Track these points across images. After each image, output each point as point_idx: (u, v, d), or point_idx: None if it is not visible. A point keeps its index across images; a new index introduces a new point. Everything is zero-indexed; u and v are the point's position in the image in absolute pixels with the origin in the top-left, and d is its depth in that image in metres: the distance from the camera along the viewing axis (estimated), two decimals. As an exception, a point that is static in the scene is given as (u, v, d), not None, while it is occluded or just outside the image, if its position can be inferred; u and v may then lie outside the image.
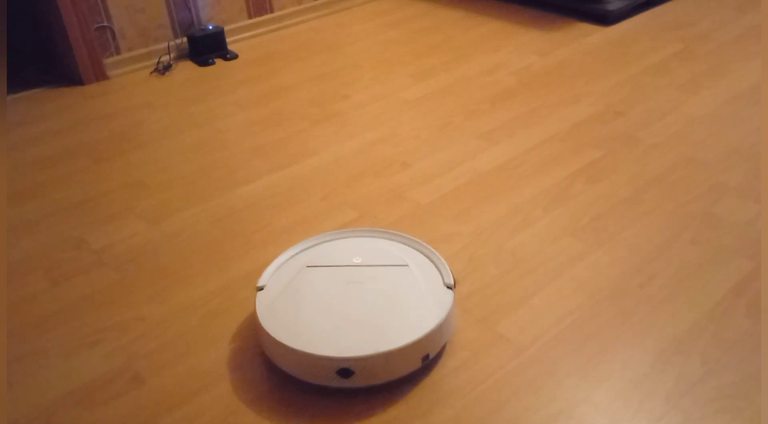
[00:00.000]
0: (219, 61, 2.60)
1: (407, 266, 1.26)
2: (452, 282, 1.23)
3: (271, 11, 2.84)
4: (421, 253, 1.32)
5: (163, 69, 2.54)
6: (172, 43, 2.62)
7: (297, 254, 1.34)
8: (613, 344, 1.23)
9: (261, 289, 1.25)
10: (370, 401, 1.15)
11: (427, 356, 1.16)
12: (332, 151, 1.94)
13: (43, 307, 1.42)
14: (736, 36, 2.49)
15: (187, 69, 2.55)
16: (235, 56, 2.62)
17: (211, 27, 2.60)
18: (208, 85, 2.41)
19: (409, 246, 1.34)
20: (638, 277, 1.39)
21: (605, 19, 2.68)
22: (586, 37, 2.59)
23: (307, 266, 1.27)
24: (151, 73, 2.53)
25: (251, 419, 1.13)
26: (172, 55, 2.63)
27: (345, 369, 1.10)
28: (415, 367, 1.16)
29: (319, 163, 1.89)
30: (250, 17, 2.79)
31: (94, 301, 1.42)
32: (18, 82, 2.52)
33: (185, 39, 2.64)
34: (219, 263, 1.52)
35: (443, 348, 1.24)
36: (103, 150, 2.02)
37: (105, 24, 2.44)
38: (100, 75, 2.48)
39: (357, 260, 1.28)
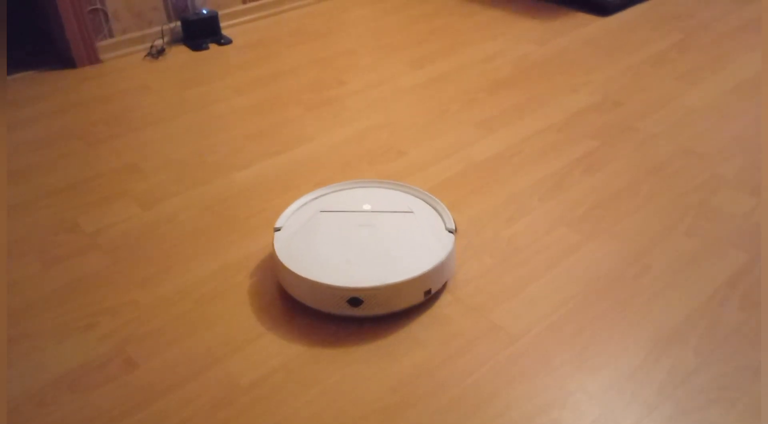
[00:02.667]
0: (213, 46, 2.57)
1: (413, 212, 1.39)
2: (453, 227, 1.35)
3: (268, -5, 2.81)
4: (426, 202, 1.44)
5: (157, 53, 2.51)
6: (165, 27, 2.58)
7: (311, 200, 1.46)
8: (607, 335, 1.23)
9: (278, 230, 1.37)
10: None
11: (429, 290, 1.28)
12: (327, 137, 1.93)
13: (36, 290, 1.41)
14: (736, 27, 2.48)
15: (180, 53, 2.53)
16: (229, 41, 2.60)
17: (205, 11, 2.57)
18: (202, 70, 2.39)
19: (414, 196, 1.46)
20: (633, 268, 1.39)
21: (604, 9, 2.67)
22: (585, 26, 2.57)
23: (321, 211, 1.40)
24: (145, 57, 2.50)
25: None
26: (165, 39, 2.60)
27: (355, 298, 1.23)
28: (418, 300, 1.28)
29: (313, 149, 1.87)
30: (244, 2, 2.76)
31: (87, 284, 1.41)
32: (11, 63, 2.49)
33: (179, 23, 2.61)
34: (213, 247, 1.51)
35: (444, 286, 1.30)
36: (97, 133, 2.00)
37: (98, 6, 2.41)
38: (93, 58, 2.45)
39: (367, 207, 1.41)
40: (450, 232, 1.33)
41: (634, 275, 1.37)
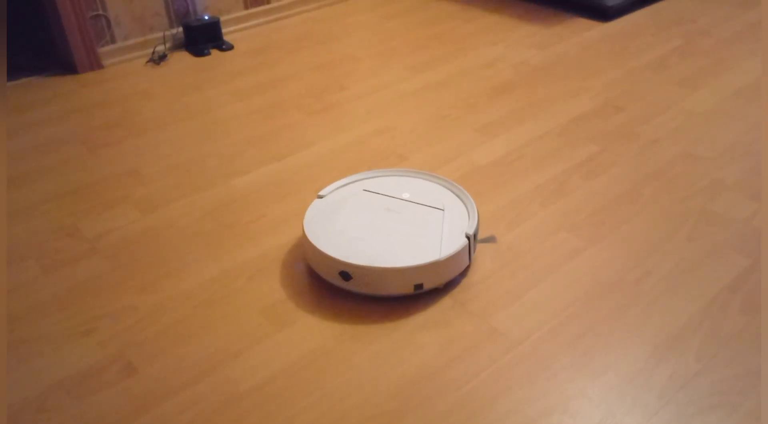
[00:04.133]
0: (214, 52, 2.58)
1: (443, 210, 1.43)
2: (472, 233, 1.36)
3: (268, 2, 2.82)
4: (464, 204, 1.46)
5: (159, 59, 2.52)
6: (167, 32, 2.59)
7: (362, 179, 1.54)
8: (608, 339, 1.23)
9: (321, 197, 1.47)
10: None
11: (421, 285, 1.31)
12: (328, 142, 1.93)
13: (36, 295, 1.41)
14: (736, 32, 2.48)
15: (182, 59, 2.53)
16: (230, 47, 2.60)
17: (207, 17, 2.58)
18: (203, 76, 2.39)
19: (457, 196, 1.49)
20: (634, 272, 1.38)
21: (605, 14, 2.67)
22: (586, 31, 2.58)
23: (364, 190, 1.49)
24: (147, 62, 2.51)
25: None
26: (167, 45, 2.61)
27: (345, 272, 1.29)
28: (407, 291, 1.31)
29: (314, 154, 1.87)
30: (246, 8, 2.77)
31: (87, 289, 1.41)
32: (13, 69, 2.49)
33: (181, 29, 2.61)
34: (213, 252, 1.51)
35: (445, 290, 1.30)
36: (98, 138, 2.01)
37: (100, 12, 2.42)
38: (95, 64, 2.45)
39: (405, 196, 1.48)
40: (467, 237, 1.35)
41: (634, 280, 1.36)
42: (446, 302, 1.33)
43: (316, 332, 1.28)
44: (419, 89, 2.21)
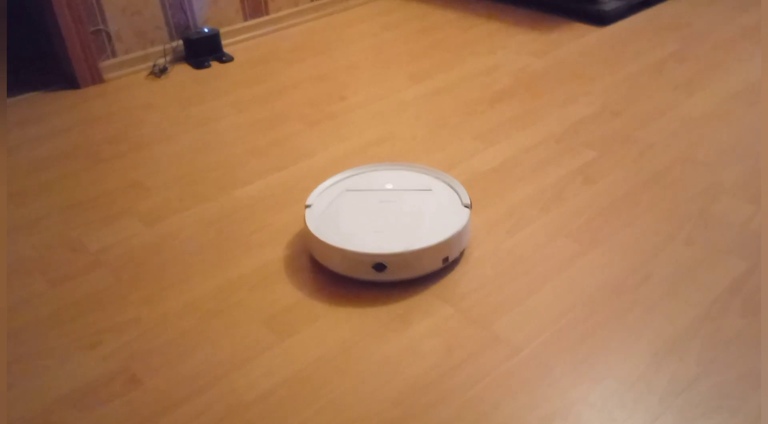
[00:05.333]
0: (215, 64, 2.60)
1: (431, 190, 1.52)
2: (469, 202, 1.48)
3: (267, 13, 2.84)
4: (444, 182, 1.56)
5: (159, 71, 2.54)
6: (168, 45, 2.62)
7: (338, 181, 1.59)
8: (608, 344, 1.24)
9: (309, 206, 1.51)
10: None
11: (447, 258, 1.41)
12: (329, 152, 1.95)
13: (41, 308, 1.42)
14: (732, 36, 2.50)
15: (183, 71, 2.56)
16: (231, 58, 2.62)
17: (206, 29, 2.60)
18: (204, 88, 2.41)
19: (433, 176, 1.59)
20: (634, 277, 1.39)
21: (602, 19, 2.69)
22: (583, 37, 2.59)
23: (347, 190, 1.54)
24: (148, 75, 2.54)
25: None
26: (168, 58, 2.63)
27: (379, 264, 1.35)
28: (437, 266, 1.40)
29: (316, 164, 1.89)
30: (245, 19, 2.79)
31: (91, 302, 1.43)
32: (15, 84, 2.52)
33: (181, 41, 2.64)
34: (216, 264, 1.52)
35: (461, 254, 1.45)
36: (101, 152, 2.03)
37: (101, 27, 2.44)
38: (97, 78, 2.48)
39: (389, 186, 1.55)
40: (466, 206, 1.46)
41: (634, 285, 1.37)
42: (447, 310, 1.34)
43: (318, 341, 1.29)
44: (419, 97, 2.23)
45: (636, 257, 1.45)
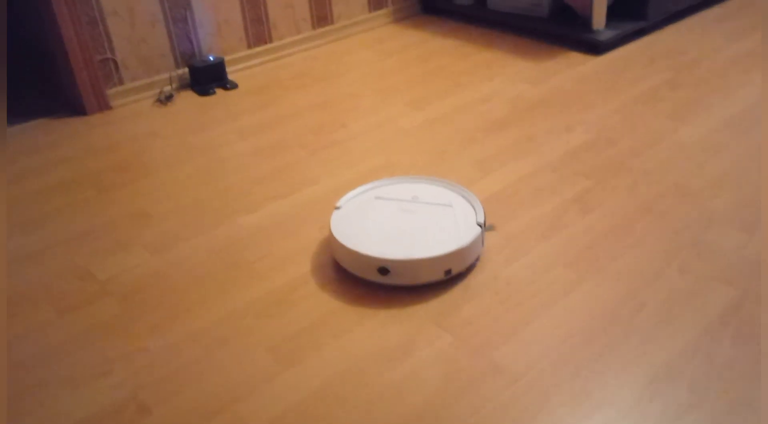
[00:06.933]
0: (219, 91, 2.66)
1: (451, 206, 1.64)
2: (482, 221, 1.58)
3: (270, 41, 2.91)
4: (467, 200, 1.67)
5: (165, 99, 2.60)
6: (173, 73, 2.68)
7: (372, 188, 1.73)
8: (604, 373, 1.27)
9: (338, 208, 1.64)
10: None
11: (449, 270, 1.50)
12: (331, 179, 1.99)
13: (50, 338, 1.45)
14: (726, 64, 2.56)
15: (188, 99, 2.61)
16: (235, 86, 2.68)
17: (211, 58, 2.66)
18: (208, 115, 2.47)
19: (458, 194, 1.70)
20: (628, 306, 1.43)
21: (597, 48, 2.75)
22: (578, 66, 2.65)
23: (376, 197, 1.68)
24: (154, 102, 2.59)
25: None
26: (173, 85, 2.69)
27: (383, 268, 1.46)
28: (439, 277, 1.50)
29: (318, 192, 1.93)
30: (249, 47, 2.86)
31: (99, 331, 1.46)
32: (22, 111, 2.57)
33: (186, 69, 2.70)
34: (221, 292, 1.56)
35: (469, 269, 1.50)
36: (107, 180, 2.07)
37: (108, 56, 2.50)
38: (104, 105, 2.53)
39: (413, 198, 1.67)
40: (479, 225, 1.56)
41: (629, 314, 1.41)
42: (446, 338, 1.38)
43: (321, 369, 1.32)
44: (418, 125, 2.28)
45: (631, 286, 1.49)
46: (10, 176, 2.13)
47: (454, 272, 1.51)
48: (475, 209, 1.63)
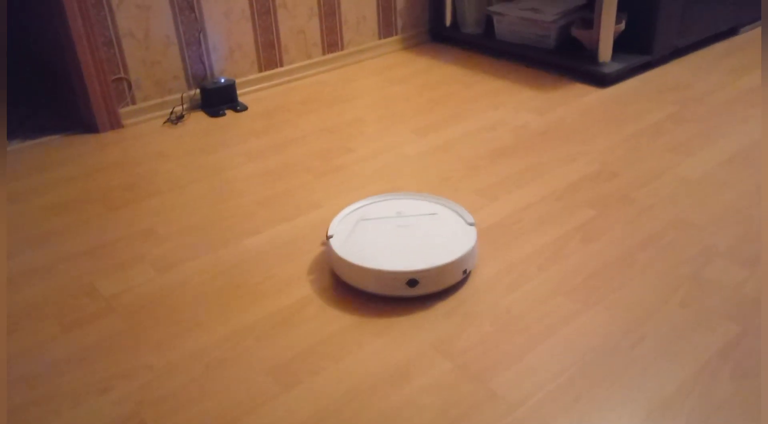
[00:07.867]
0: (230, 113, 2.70)
1: (437, 214, 1.72)
2: (472, 221, 1.68)
3: (281, 65, 2.96)
4: (446, 206, 1.76)
5: (176, 119, 2.64)
6: (185, 94, 2.72)
7: (349, 213, 1.76)
8: (603, 405, 1.28)
9: (331, 237, 1.66)
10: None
11: (466, 270, 1.60)
12: (336, 203, 2.01)
13: (54, 353, 1.47)
14: (730, 99, 2.59)
15: (198, 119, 2.65)
16: (245, 108, 2.73)
17: (223, 80, 2.71)
18: (218, 136, 2.50)
19: (435, 202, 1.78)
20: (628, 338, 1.44)
21: (602, 80, 2.79)
22: (583, 97, 2.69)
23: (361, 220, 1.71)
24: (165, 122, 2.63)
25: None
26: (185, 106, 2.73)
27: (413, 279, 1.53)
28: (459, 278, 1.60)
29: (323, 215, 1.96)
30: (260, 70, 2.91)
31: (103, 348, 1.48)
32: (34, 128, 2.62)
33: (198, 91, 2.75)
34: (224, 312, 1.57)
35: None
36: (116, 198, 2.10)
37: (122, 76, 2.55)
38: (116, 124, 2.57)
39: (398, 213, 1.73)
40: (470, 225, 1.66)
41: (629, 346, 1.42)
42: (445, 365, 1.38)
43: (321, 392, 1.33)
44: (423, 152, 2.31)
45: (631, 318, 1.49)
46: (20, 191, 2.17)
47: (468, 270, 1.61)
48: (458, 212, 1.72)
